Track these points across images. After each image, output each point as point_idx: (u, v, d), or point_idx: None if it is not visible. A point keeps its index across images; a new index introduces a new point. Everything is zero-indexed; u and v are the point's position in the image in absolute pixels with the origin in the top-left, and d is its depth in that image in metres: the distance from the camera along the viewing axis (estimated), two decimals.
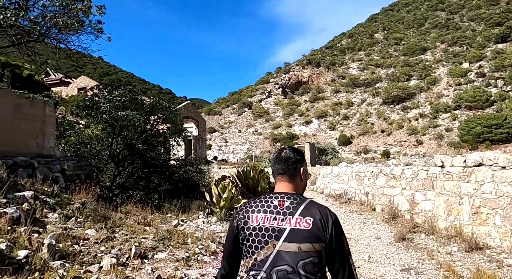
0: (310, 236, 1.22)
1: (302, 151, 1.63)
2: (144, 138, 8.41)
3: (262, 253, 1.25)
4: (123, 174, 8.92)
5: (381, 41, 71.53)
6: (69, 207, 4.21)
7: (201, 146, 23.98)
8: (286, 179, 1.45)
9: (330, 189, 11.63)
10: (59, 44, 7.04)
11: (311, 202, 1.37)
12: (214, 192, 7.48)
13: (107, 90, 7.44)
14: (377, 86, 56.12)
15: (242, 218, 1.36)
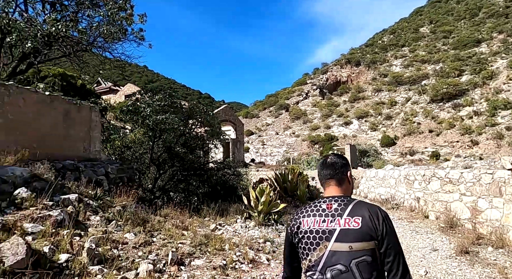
0: (360, 234, 1.26)
1: (345, 156, 1.69)
2: (183, 142, 8.50)
3: (315, 254, 1.31)
4: (164, 177, 9.10)
5: (427, 36, 66.93)
6: (110, 210, 4.26)
7: (239, 148, 24.10)
8: (335, 183, 1.51)
9: (375, 193, 10.85)
10: (104, 52, 7.38)
11: (359, 202, 1.41)
12: (252, 195, 7.29)
13: (148, 95, 7.65)
14: (423, 84, 52.47)
15: (295, 224, 1.44)
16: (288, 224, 1.51)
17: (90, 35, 6.69)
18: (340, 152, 29.78)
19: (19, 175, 3.70)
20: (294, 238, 1.42)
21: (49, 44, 6.31)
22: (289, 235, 1.46)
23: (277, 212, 7.25)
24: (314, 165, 23.76)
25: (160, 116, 7.17)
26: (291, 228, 1.45)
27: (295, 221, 1.45)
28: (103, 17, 6.62)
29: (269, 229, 6.58)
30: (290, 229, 1.45)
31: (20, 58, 6.20)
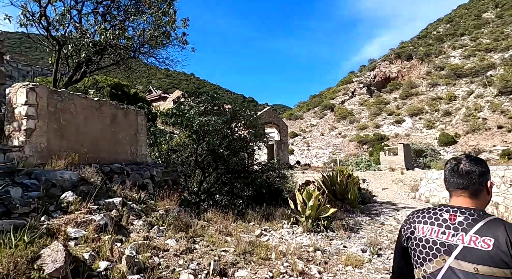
0: (490, 258, 1.11)
1: (483, 160, 1.39)
2: (226, 144, 8.35)
3: (431, 265, 1.24)
4: (209, 180, 9.05)
5: (492, 21, 59.89)
6: (153, 214, 4.15)
7: (283, 150, 23.64)
8: (467, 195, 1.31)
9: (439, 197, 9.62)
10: (149, 58, 7.53)
11: (494, 219, 1.20)
12: (299, 199, 6.81)
13: (191, 98, 7.64)
14: (489, 75, 46.88)
15: (409, 228, 1.38)
16: (401, 226, 1.45)
17: (137, 42, 6.85)
18: (393, 152, 27.63)
19: (68, 178, 3.74)
20: (407, 243, 1.37)
21: (99, 53, 6.57)
22: (402, 239, 1.41)
23: (326, 217, 6.67)
24: (363, 167, 22.33)
25: (203, 118, 7.07)
26: (404, 231, 1.40)
27: (409, 224, 1.39)
28: (147, 23, 6.73)
29: (318, 236, 6.04)
30: (404, 233, 1.41)
31: (75, 67, 6.57)
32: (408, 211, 8.90)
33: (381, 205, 9.99)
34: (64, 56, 6.42)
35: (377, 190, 13.05)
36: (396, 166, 23.70)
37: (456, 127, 42.61)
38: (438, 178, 9.88)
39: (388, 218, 8.02)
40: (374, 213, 8.67)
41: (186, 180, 8.60)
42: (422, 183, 10.95)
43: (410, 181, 13.84)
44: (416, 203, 10.13)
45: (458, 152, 38.34)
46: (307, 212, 6.45)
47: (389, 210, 9.16)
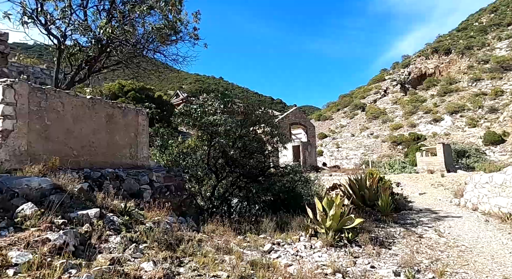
0: None
1: None
2: (240, 145, 7.62)
3: None
4: (223, 184, 8.38)
5: None
6: (138, 228, 3.50)
7: (310, 152, 22.47)
8: None
9: (490, 205, 8.10)
10: (155, 54, 7.02)
11: None
12: (318, 207, 5.86)
13: (202, 97, 7.01)
14: None
15: None
16: None
17: (139, 36, 6.35)
18: (431, 152, 25.24)
19: (36, 186, 3.21)
20: None
21: (103, 50, 6.16)
22: None
23: (351, 229, 5.66)
24: (398, 168, 20.48)
25: (211, 117, 6.40)
26: None
27: None
28: (150, 15, 6.21)
29: (340, 251, 5.06)
30: None
31: (78, 67, 6.21)
32: (452, 221, 7.53)
33: (418, 213, 8.65)
34: (66, 55, 6.08)
35: (413, 195, 11.57)
36: (434, 167, 21.50)
37: (504, 125, 38.47)
38: (488, 182, 8.35)
39: (428, 229, 6.77)
40: (409, 223, 7.44)
41: (199, 185, 7.98)
42: (468, 187, 9.39)
43: (452, 185, 12.16)
44: (462, 211, 8.65)
45: (507, 152, 34.47)
46: (327, 222, 5.49)
47: (428, 219, 7.84)
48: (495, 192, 8.02)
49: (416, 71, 60.30)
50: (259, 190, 8.46)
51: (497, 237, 6.19)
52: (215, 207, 7.80)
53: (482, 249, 5.59)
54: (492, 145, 35.71)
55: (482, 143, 35.81)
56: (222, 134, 6.64)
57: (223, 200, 8.10)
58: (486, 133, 36.18)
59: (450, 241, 6.02)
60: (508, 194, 7.55)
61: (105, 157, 4.87)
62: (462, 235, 6.40)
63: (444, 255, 5.22)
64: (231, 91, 66.84)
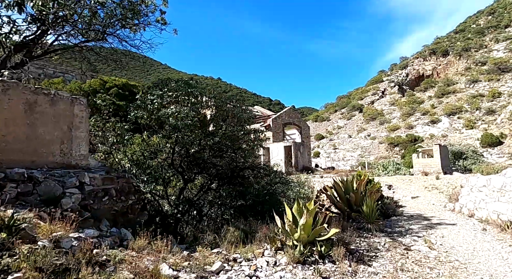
0: None
1: None
2: (209, 143, 6.70)
3: None
4: (192, 187, 7.48)
5: None
6: (17, 250, 2.58)
7: (302, 152, 21.54)
8: None
9: (488, 211, 7.17)
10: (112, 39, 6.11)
11: None
12: (288, 216, 4.95)
13: (160, 87, 6.09)
14: None
15: None
16: None
17: (97, 19, 5.44)
18: (427, 154, 24.30)
19: None
20: None
21: (42, 30, 5.26)
22: None
23: (325, 240, 4.75)
24: (392, 170, 19.54)
25: (169, 110, 5.50)
26: None
27: None
28: None
29: (309, 270, 4.15)
30: None
31: (14, 49, 5.31)
32: (445, 230, 6.60)
33: (409, 220, 7.73)
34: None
35: (405, 198, 10.64)
36: (431, 169, 20.56)
37: (501, 126, 37.60)
38: (486, 186, 7.42)
39: (417, 240, 5.85)
40: (397, 232, 6.51)
41: (165, 188, 7.06)
42: (464, 191, 8.47)
43: (447, 188, 11.23)
44: (456, 218, 7.72)
45: (504, 154, 33.57)
46: (295, 234, 4.57)
47: (418, 227, 6.92)
48: (494, 196, 7.09)
49: (414, 73, 59.48)
50: (232, 193, 7.57)
51: (496, 250, 5.27)
52: (182, 212, 6.89)
53: (478, 265, 4.67)
54: (489, 147, 34.87)
55: (480, 144, 34.93)
56: (183, 130, 5.73)
57: (191, 204, 7.18)
58: (483, 135, 35.31)
59: (441, 254, 5.10)
60: (508, 199, 6.62)
61: (23, 155, 3.97)
62: (456, 247, 5.48)
63: (434, 274, 4.30)
64: (229, 92, 66.19)
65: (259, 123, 25.82)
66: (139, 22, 6.63)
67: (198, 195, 7.44)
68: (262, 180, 8.42)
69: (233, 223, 6.40)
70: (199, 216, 7.29)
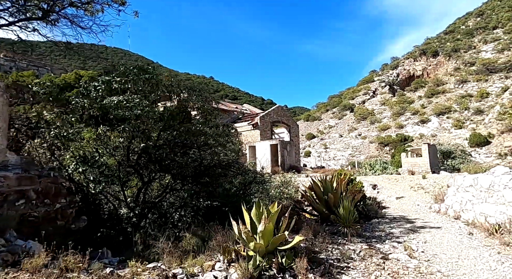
0: None
1: None
2: (168, 137, 5.95)
3: None
4: (154, 187, 6.71)
5: None
6: None
7: (289, 151, 20.86)
8: None
9: (475, 213, 6.55)
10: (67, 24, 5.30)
11: None
12: (246, 221, 4.22)
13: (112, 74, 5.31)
14: None
15: None
16: None
17: None
18: (416, 153, 23.87)
19: None
20: None
21: None
22: None
23: (288, 250, 4.04)
24: (379, 169, 18.99)
25: (116, 98, 4.73)
26: None
27: None
28: None
29: None
30: None
31: None
32: (429, 234, 5.96)
33: (391, 222, 7.08)
34: None
35: (389, 199, 10.02)
36: (420, 168, 20.11)
37: (489, 126, 37.56)
38: (473, 186, 6.81)
39: (397, 246, 5.18)
40: (376, 237, 5.84)
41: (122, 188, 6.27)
42: (450, 191, 7.87)
43: (433, 188, 10.65)
44: (441, 220, 7.09)
45: (492, 153, 33.49)
46: (251, 243, 3.85)
47: (400, 230, 6.27)
48: (481, 197, 6.48)
49: (405, 73, 59.44)
50: (200, 194, 6.83)
51: (483, 258, 4.63)
52: (140, 216, 6.11)
53: (463, 277, 4.02)
54: (477, 147, 34.78)
55: (468, 144, 34.81)
56: (133, 122, 4.96)
57: (152, 207, 6.41)
58: (471, 135, 35.21)
59: (422, 264, 4.44)
60: (497, 200, 6.01)
61: None
62: (439, 255, 4.83)
63: None
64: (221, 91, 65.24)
65: (247, 121, 25.09)
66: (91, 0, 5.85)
67: (161, 196, 6.67)
68: (235, 179, 7.71)
69: (190, 228, 5.68)
70: (162, 220, 6.52)
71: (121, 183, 6.14)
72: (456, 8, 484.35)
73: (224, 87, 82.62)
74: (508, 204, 5.67)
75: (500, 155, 32.79)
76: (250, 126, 23.81)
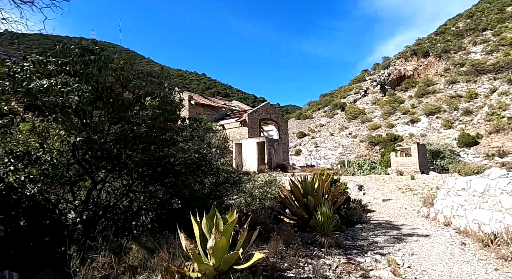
0: None
1: None
2: (122, 131, 5.09)
3: None
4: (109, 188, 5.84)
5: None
6: None
7: (277, 149, 20.10)
8: None
9: (468, 219, 5.88)
10: None
11: None
12: (195, 233, 3.41)
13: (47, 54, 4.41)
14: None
15: None
16: None
17: None
18: (405, 152, 23.39)
19: None
20: None
21: None
22: None
23: (247, 270, 3.26)
24: (367, 169, 18.39)
25: (46, 81, 3.85)
26: None
27: None
28: None
29: None
30: None
31: None
32: (416, 243, 5.25)
33: (376, 228, 6.36)
34: None
35: (376, 201, 9.34)
36: (409, 168, 19.59)
37: (477, 127, 37.53)
38: (465, 189, 6.14)
39: (379, 260, 4.45)
40: (358, 247, 5.11)
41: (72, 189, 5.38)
42: (440, 194, 7.20)
43: (422, 189, 10.02)
44: (431, 227, 6.40)
45: (480, 154, 33.40)
46: (196, 264, 3.04)
47: (385, 239, 5.55)
48: (474, 202, 5.80)
49: (396, 73, 59.31)
50: (163, 197, 6.00)
51: (479, 276, 3.93)
52: (88, 222, 5.24)
53: None
54: (466, 147, 34.70)
55: (457, 144, 34.67)
56: (69, 110, 4.09)
57: (105, 211, 5.54)
58: (460, 135, 35.09)
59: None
60: (492, 206, 5.33)
61: None
62: (428, 271, 4.11)
63: None
64: (213, 87, 64.06)
65: (235, 118, 24.24)
66: None
67: (117, 199, 5.81)
68: (208, 180, 6.91)
69: (141, 237, 4.86)
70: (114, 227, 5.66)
71: (69, 183, 5.25)
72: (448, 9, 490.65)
73: (216, 84, 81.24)
74: (505, 211, 4.99)
75: (487, 156, 32.71)
76: (238, 123, 22.98)
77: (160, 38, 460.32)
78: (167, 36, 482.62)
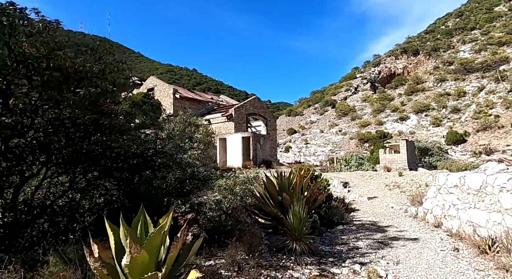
0: None
1: None
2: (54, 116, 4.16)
3: None
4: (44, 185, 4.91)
5: (505, 15, 53.84)
6: None
7: (263, 145, 19.28)
8: None
9: (461, 220, 5.16)
10: None
11: None
12: (111, 244, 2.54)
13: None
14: (502, 69, 41.41)
15: None
16: None
17: None
18: (394, 149, 22.91)
19: None
20: None
21: None
22: None
23: None
24: (354, 165, 17.74)
25: None
26: None
27: None
28: None
29: None
30: None
31: None
32: (403, 249, 4.49)
33: (358, 231, 5.59)
34: None
35: (361, 199, 8.61)
36: (398, 165, 19.08)
37: (465, 125, 37.46)
38: (458, 186, 5.42)
39: (358, 270, 3.67)
40: (335, 253, 4.32)
41: None
42: (429, 192, 6.48)
43: (410, 186, 9.35)
44: (419, 228, 5.67)
45: (467, 151, 33.30)
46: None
47: (367, 244, 4.77)
48: (469, 201, 5.07)
49: (386, 71, 59.11)
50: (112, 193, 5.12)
51: None
52: (13, 225, 4.31)
53: None
54: (454, 144, 34.60)
55: (445, 142, 34.54)
56: None
57: (39, 212, 4.62)
58: (448, 133, 34.96)
59: None
60: (489, 206, 4.60)
61: None
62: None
63: None
64: (204, 83, 62.71)
65: (221, 112, 23.29)
66: None
67: (56, 197, 4.88)
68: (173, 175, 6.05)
69: (75, 244, 3.96)
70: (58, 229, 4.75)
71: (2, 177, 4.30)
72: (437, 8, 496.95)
73: (207, 80, 79.75)
74: (505, 212, 4.26)
75: (474, 153, 32.59)
76: (224, 118, 22.04)
77: (150, 33, 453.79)
78: (157, 32, 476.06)
